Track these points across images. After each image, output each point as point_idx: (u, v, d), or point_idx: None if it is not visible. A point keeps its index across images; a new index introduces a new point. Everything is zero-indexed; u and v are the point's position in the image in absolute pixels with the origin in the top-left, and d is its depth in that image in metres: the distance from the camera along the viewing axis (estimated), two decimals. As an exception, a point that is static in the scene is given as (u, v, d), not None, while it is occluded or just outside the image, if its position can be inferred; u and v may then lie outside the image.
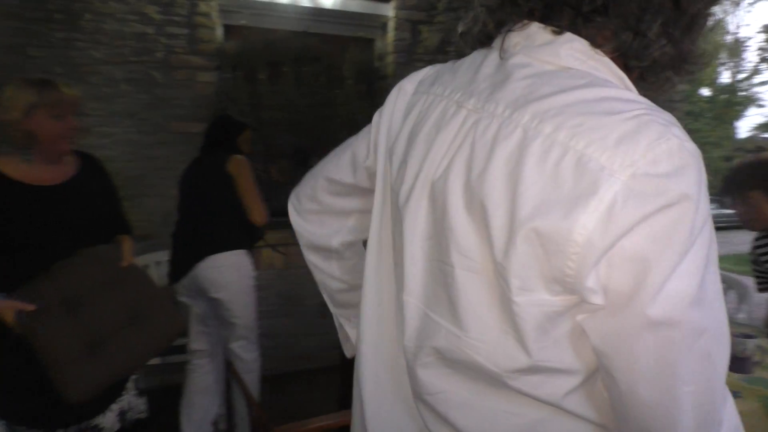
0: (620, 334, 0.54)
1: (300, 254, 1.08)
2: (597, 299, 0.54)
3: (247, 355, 2.83)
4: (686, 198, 0.52)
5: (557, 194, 0.54)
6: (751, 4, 16.55)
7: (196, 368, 2.90)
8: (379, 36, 4.42)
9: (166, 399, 3.00)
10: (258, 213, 2.76)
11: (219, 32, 3.85)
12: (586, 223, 0.52)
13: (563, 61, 0.63)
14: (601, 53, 0.64)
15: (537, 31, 0.66)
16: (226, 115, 3.24)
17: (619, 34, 0.63)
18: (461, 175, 0.63)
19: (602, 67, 0.63)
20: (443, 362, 0.67)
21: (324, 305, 1.12)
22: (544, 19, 0.66)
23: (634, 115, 0.55)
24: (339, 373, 3.14)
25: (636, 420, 0.57)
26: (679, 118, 0.60)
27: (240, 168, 2.76)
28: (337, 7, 4.12)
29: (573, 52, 0.63)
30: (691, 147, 0.54)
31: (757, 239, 2.37)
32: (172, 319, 1.89)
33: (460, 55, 0.81)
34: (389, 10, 4.28)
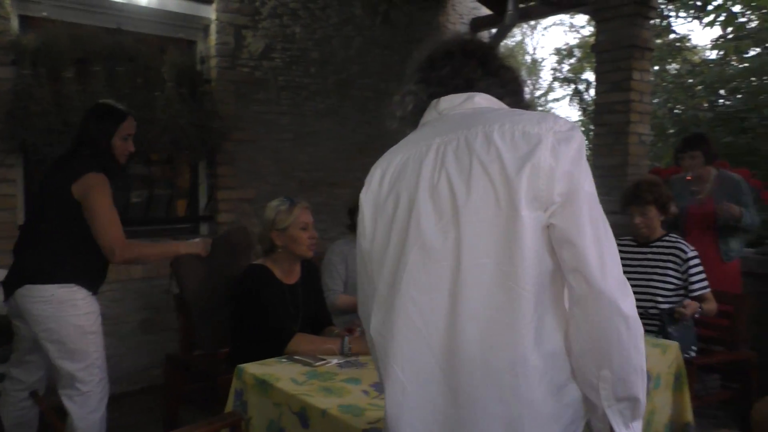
0: (571, 212, 0.99)
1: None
2: (558, 199, 0.98)
3: (79, 409, 2.39)
4: (580, 139, 1.02)
5: (521, 151, 1.00)
6: (545, 28, 18.95)
7: (14, 401, 2.52)
8: (201, 38, 4.27)
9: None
10: (109, 246, 2.31)
11: (14, 23, 3.46)
12: (546, 157, 0.98)
13: (477, 105, 1.15)
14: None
15: (455, 96, 1.17)
16: (101, 104, 2.61)
17: (506, 99, 1.19)
18: (454, 168, 1.04)
19: (502, 106, 1.17)
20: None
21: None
22: (465, 90, 1.16)
23: (538, 113, 1.06)
24: (163, 393, 2.98)
25: (574, 260, 0.98)
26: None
27: (87, 191, 2.31)
28: (154, 6, 3.90)
29: (482, 99, 1.16)
30: (572, 121, 1.04)
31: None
32: None
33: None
34: (211, 13, 4.15)
